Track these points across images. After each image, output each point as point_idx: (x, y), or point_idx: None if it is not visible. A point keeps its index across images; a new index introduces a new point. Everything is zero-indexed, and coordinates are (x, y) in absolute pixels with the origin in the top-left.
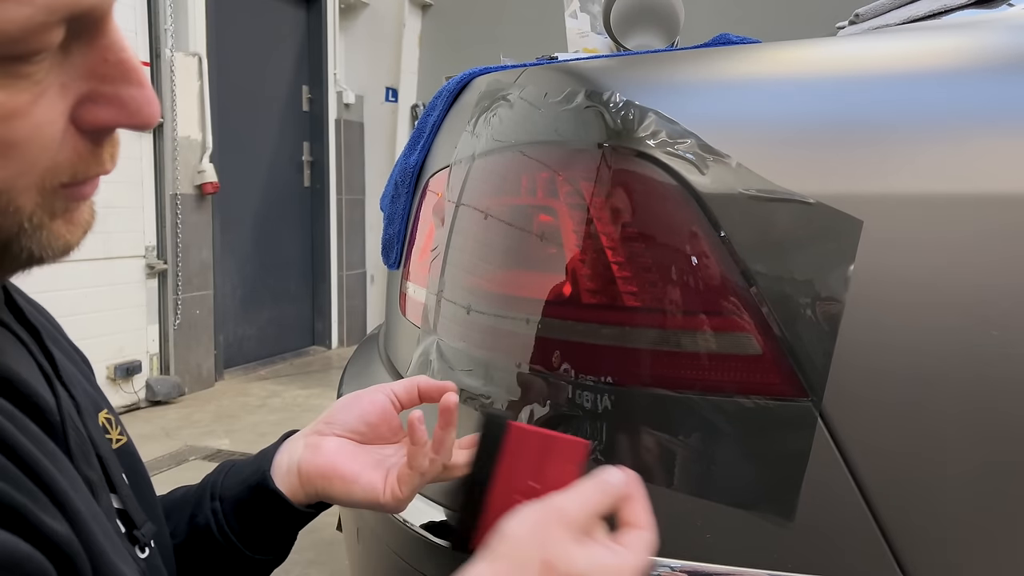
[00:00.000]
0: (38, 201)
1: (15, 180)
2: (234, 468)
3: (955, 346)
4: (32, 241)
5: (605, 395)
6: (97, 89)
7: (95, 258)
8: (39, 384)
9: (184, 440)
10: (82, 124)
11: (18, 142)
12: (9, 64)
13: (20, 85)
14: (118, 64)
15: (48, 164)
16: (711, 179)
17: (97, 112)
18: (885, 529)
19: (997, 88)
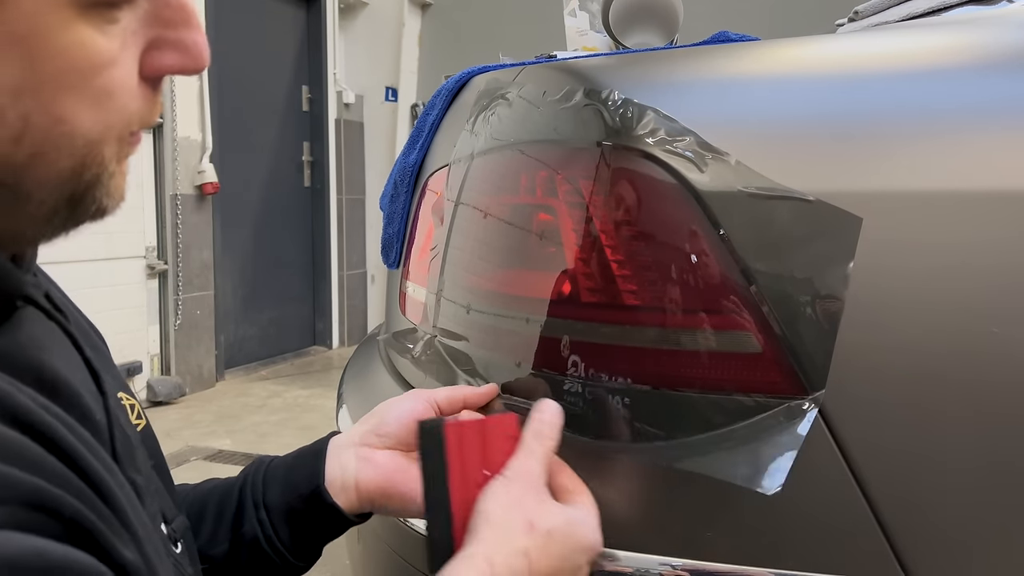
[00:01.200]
0: (116, 150)
1: (106, 131)
2: (271, 473)
3: (956, 344)
4: (103, 191)
5: (605, 394)
6: (161, 35)
7: (95, 259)
8: (85, 384)
9: (185, 440)
10: (149, 71)
11: (114, 90)
12: (104, 9)
13: (112, 31)
14: (179, 8)
15: (128, 112)
16: (710, 177)
17: (162, 58)
18: (886, 527)
19: (997, 85)
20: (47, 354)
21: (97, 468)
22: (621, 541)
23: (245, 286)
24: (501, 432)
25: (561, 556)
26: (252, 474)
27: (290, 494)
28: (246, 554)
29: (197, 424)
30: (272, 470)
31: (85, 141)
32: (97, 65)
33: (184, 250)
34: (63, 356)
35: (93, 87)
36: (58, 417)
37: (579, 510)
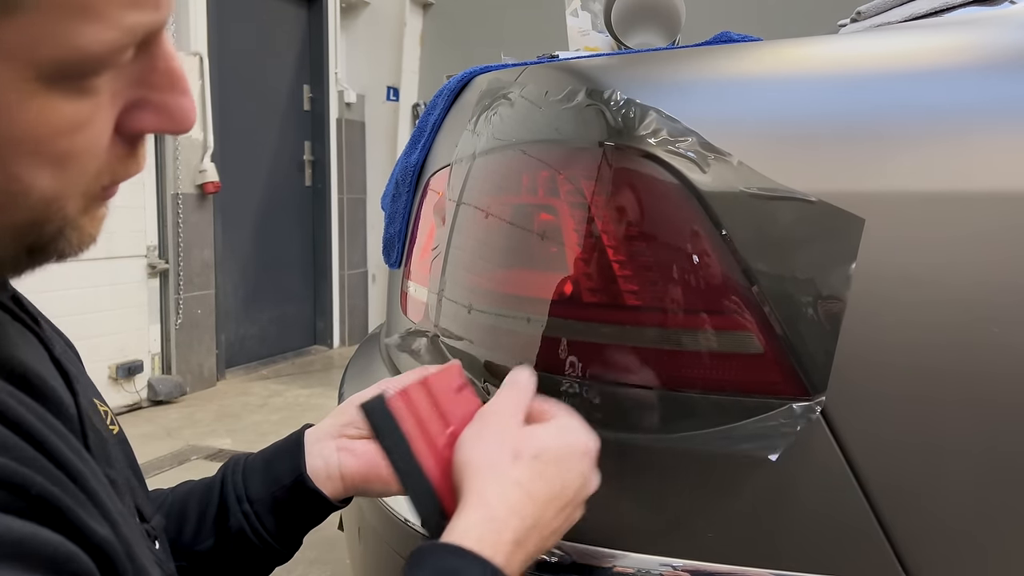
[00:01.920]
0: (81, 205)
1: (67, 188)
2: (249, 467)
3: (957, 344)
4: (66, 241)
5: (606, 394)
6: (145, 96)
7: (96, 258)
8: (55, 380)
9: (186, 440)
10: (127, 130)
11: (76, 153)
12: (80, 80)
13: (85, 99)
14: (167, 72)
15: (96, 171)
16: (712, 177)
17: (143, 118)
18: (887, 527)
19: (999, 86)
20: (19, 351)
21: (66, 452)
22: (622, 541)
23: (246, 285)
24: (448, 384)
25: (559, 473)
26: (230, 471)
27: (273, 485)
28: (232, 546)
29: (198, 423)
30: (250, 465)
31: (42, 199)
32: (60, 131)
33: (185, 249)
34: (34, 355)
35: (53, 151)
36: (26, 405)
37: (560, 420)
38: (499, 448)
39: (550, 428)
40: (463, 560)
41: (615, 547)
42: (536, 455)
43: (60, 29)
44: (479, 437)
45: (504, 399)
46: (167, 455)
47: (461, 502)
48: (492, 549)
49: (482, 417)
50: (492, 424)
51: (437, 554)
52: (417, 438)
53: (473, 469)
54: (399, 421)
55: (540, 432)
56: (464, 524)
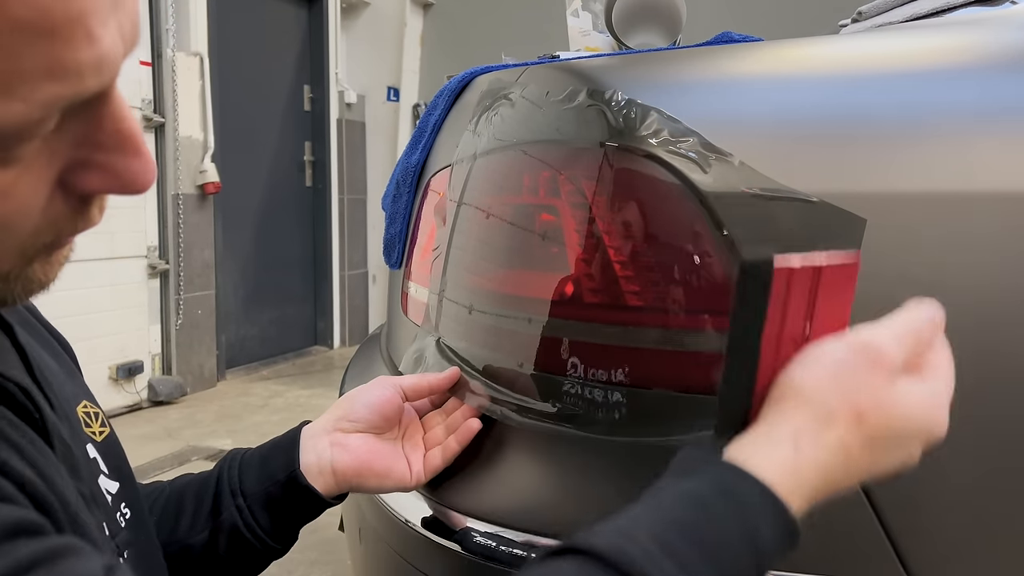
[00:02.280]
0: (17, 262)
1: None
2: (244, 463)
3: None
4: (7, 292)
5: (608, 395)
6: (89, 156)
7: (97, 258)
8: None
9: (186, 440)
10: (71, 189)
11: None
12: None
13: (4, 169)
14: (114, 134)
15: (31, 230)
16: (714, 178)
17: (88, 179)
18: (888, 527)
19: (1000, 86)
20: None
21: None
22: None
23: (246, 286)
24: (839, 279)
25: (890, 450)
26: (227, 466)
27: (267, 481)
28: (225, 541)
29: (198, 424)
30: (247, 460)
31: None
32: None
33: (185, 250)
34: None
35: None
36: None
37: (933, 384)
38: (845, 396)
39: (918, 393)
40: (756, 492)
41: None
42: (885, 425)
43: None
44: (833, 368)
45: (893, 333)
46: (167, 456)
47: (766, 424)
48: (786, 495)
49: (853, 345)
50: (858, 360)
51: (724, 470)
52: (774, 325)
53: (802, 400)
54: (771, 297)
55: (904, 396)
56: (764, 456)
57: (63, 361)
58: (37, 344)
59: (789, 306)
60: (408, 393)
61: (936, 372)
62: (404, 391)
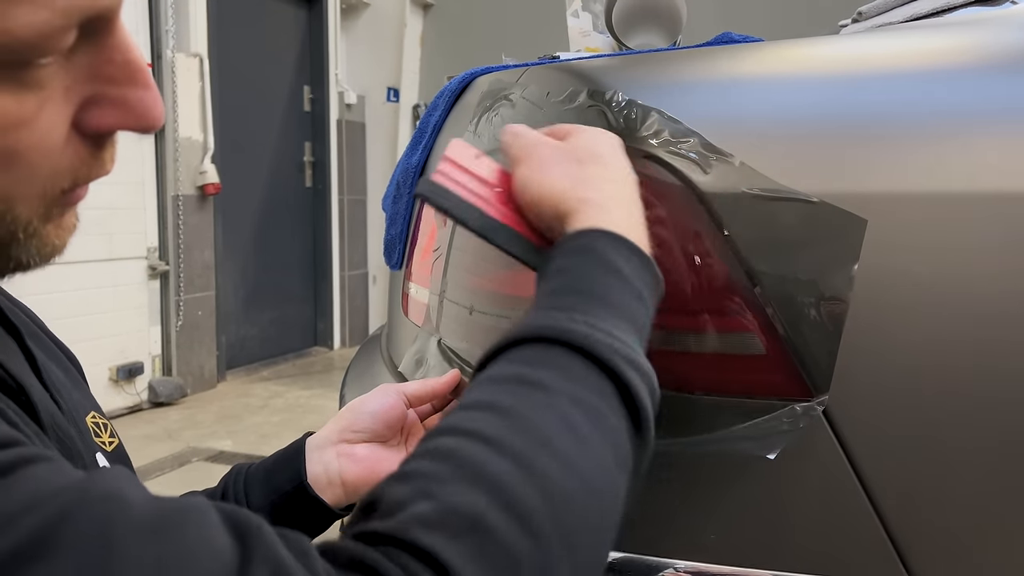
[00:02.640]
0: (37, 209)
1: (16, 189)
2: (250, 476)
3: (960, 345)
4: (23, 249)
5: None
6: (102, 91)
7: (97, 259)
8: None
9: (187, 441)
10: (86, 128)
11: (22, 151)
12: (17, 70)
13: (27, 92)
14: (125, 65)
15: (50, 171)
16: (714, 178)
17: (102, 115)
18: (890, 528)
19: (1001, 86)
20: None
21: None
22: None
23: (246, 286)
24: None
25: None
26: (232, 481)
27: (274, 494)
28: None
29: (198, 425)
30: (252, 474)
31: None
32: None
33: (185, 251)
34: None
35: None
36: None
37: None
38: (564, 168)
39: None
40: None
41: (616, 549)
42: (594, 155)
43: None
44: (537, 170)
45: (522, 137)
46: (168, 457)
47: (567, 225)
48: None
49: (521, 158)
50: (537, 154)
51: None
52: (476, 200)
53: (558, 194)
54: (456, 191)
55: (575, 139)
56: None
57: (71, 374)
58: (45, 355)
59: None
60: (412, 400)
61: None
62: (408, 398)
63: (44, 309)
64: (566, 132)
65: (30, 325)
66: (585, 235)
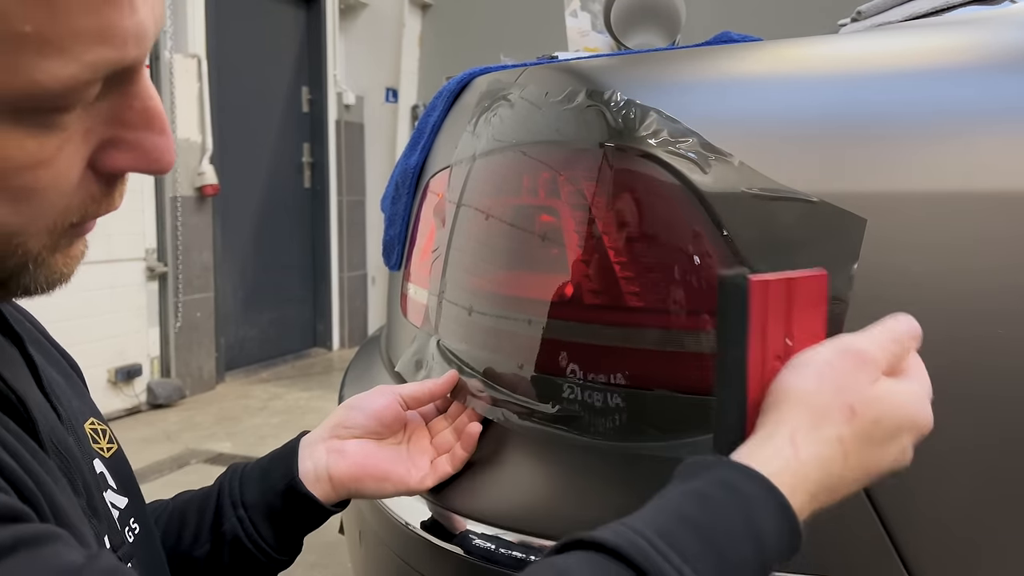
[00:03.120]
0: (46, 243)
1: (28, 225)
2: (245, 475)
3: (960, 344)
4: (30, 278)
5: (608, 396)
6: (119, 135)
7: (95, 261)
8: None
9: (185, 443)
10: (101, 168)
11: (39, 189)
12: (44, 115)
13: (49, 134)
14: (143, 111)
15: (63, 208)
16: (713, 178)
17: (117, 157)
18: (889, 527)
19: (1000, 85)
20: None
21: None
22: None
23: (245, 288)
24: (807, 295)
25: (884, 442)
26: (228, 479)
27: (267, 491)
28: (228, 552)
29: (197, 426)
30: (248, 472)
31: (1, 233)
32: (22, 166)
33: (184, 252)
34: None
35: (14, 186)
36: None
37: (913, 384)
38: (837, 394)
39: (902, 391)
40: (757, 486)
41: None
42: (876, 419)
43: (19, 62)
44: (822, 370)
45: (874, 339)
46: (166, 459)
47: (763, 430)
48: (788, 492)
49: (838, 348)
50: (845, 362)
51: (725, 468)
52: (756, 340)
53: (796, 402)
54: (751, 309)
55: (889, 393)
56: (764, 455)
57: (72, 380)
58: (45, 361)
59: (768, 319)
60: (408, 401)
61: (915, 374)
62: (404, 399)
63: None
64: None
65: (32, 331)
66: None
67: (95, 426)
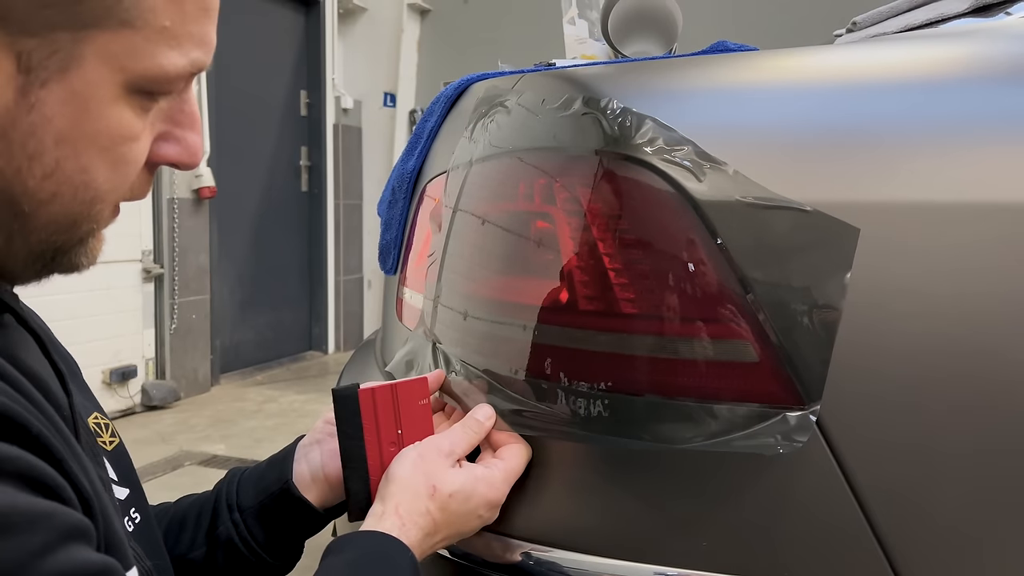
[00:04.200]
0: (108, 215)
1: (111, 193)
2: (243, 479)
3: (952, 354)
4: (83, 250)
5: (602, 401)
6: (171, 131)
7: None
8: (53, 382)
9: (180, 445)
10: (153, 157)
11: (129, 161)
12: (145, 98)
13: (143, 116)
14: (191, 114)
15: (130, 184)
16: (708, 186)
17: (167, 149)
18: (881, 537)
19: (995, 97)
20: (23, 352)
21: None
22: (615, 550)
23: (242, 290)
24: (412, 395)
25: (461, 513)
26: (227, 484)
27: (262, 494)
28: (222, 555)
29: (192, 429)
30: (245, 477)
31: (94, 194)
32: (125, 136)
33: (181, 254)
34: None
35: (115, 152)
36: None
37: (487, 469)
38: (424, 479)
39: (473, 476)
40: (389, 543)
41: (609, 556)
42: (450, 494)
43: (152, 49)
44: (414, 462)
45: (451, 437)
46: (160, 460)
47: (381, 504)
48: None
49: (427, 444)
50: (428, 456)
51: (364, 539)
52: (372, 431)
53: (398, 486)
54: (362, 414)
55: (462, 477)
56: (385, 524)
57: (76, 376)
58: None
59: (379, 417)
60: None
61: (506, 455)
62: None
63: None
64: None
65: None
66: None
67: (98, 420)
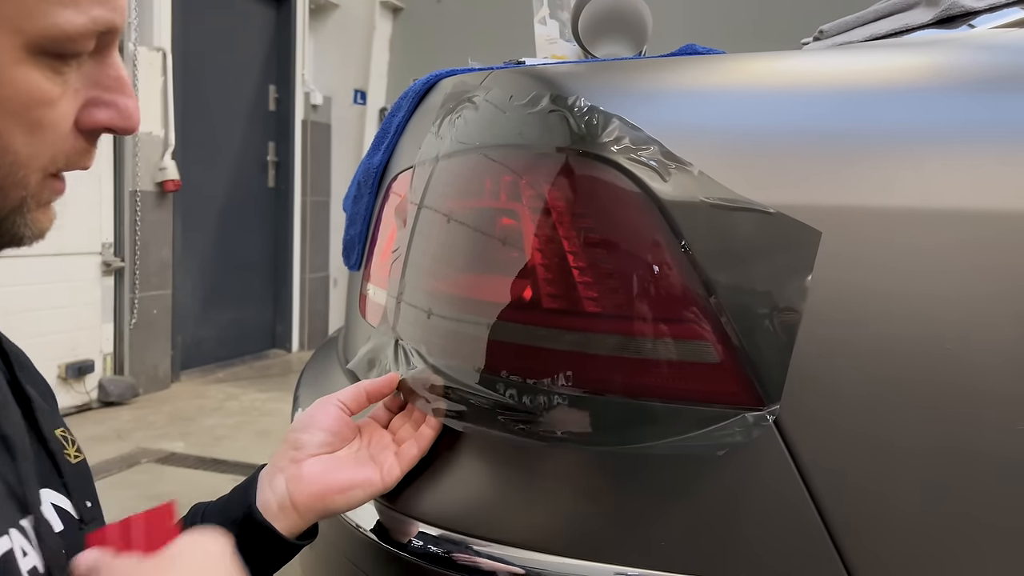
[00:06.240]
0: (40, 182)
1: (33, 158)
2: (209, 511)
3: (912, 358)
4: (23, 220)
5: (564, 400)
6: (99, 96)
7: (48, 253)
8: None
9: (137, 442)
10: (83, 124)
11: (46, 125)
12: (55, 60)
13: (56, 79)
14: (117, 79)
15: (55, 151)
16: (673, 186)
17: (97, 114)
18: (836, 539)
19: (957, 105)
20: None
21: None
22: (574, 550)
23: (205, 286)
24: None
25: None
26: (190, 516)
27: (226, 522)
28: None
29: (150, 426)
30: (210, 508)
31: (14, 161)
32: (36, 100)
33: (142, 248)
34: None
35: (28, 117)
36: None
37: None
38: None
39: None
40: None
41: (568, 555)
42: None
43: (46, 8)
44: None
45: None
46: (115, 458)
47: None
48: None
49: None
50: None
51: None
52: None
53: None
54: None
55: None
56: None
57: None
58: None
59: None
60: (350, 406)
61: None
62: (344, 404)
63: None
64: None
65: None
66: None
67: (64, 434)
